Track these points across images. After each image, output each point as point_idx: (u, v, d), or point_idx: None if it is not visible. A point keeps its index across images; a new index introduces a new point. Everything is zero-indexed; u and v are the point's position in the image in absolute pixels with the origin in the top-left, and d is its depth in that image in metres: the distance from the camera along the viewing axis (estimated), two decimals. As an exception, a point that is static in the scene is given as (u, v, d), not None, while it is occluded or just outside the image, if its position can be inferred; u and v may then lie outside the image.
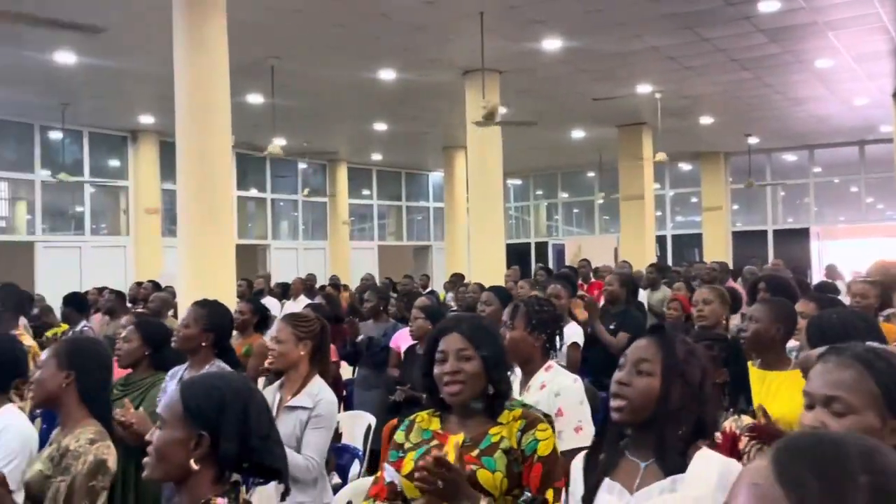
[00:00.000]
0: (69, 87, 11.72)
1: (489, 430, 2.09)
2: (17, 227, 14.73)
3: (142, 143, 15.31)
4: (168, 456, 1.65)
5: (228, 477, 1.68)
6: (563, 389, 2.91)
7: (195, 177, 7.34)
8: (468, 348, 2.12)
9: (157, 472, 1.67)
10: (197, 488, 1.65)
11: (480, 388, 2.12)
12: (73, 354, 2.55)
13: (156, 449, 1.67)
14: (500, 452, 2.04)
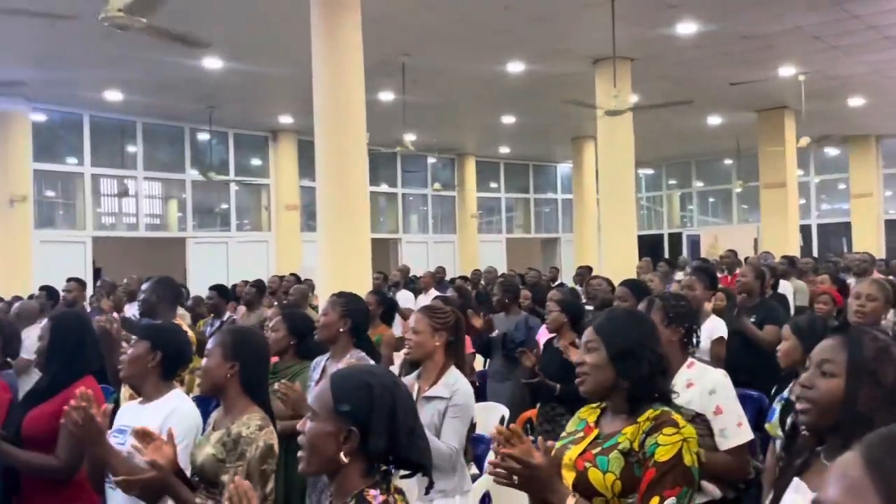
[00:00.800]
0: (216, 92, 12.43)
1: (623, 429, 2.04)
2: (170, 223, 15.79)
3: (282, 143, 16.04)
4: (319, 449, 1.70)
5: (378, 469, 1.72)
6: (718, 386, 2.81)
7: (333, 174, 7.62)
8: (594, 340, 2.10)
9: (311, 465, 1.73)
10: (348, 481, 1.70)
11: (607, 381, 2.07)
12: (238, 345, 2.66)
13: (308, 442, 1.72)
14: (617, 453, 1.98)
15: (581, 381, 2.11)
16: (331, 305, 3.71)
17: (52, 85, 11.75)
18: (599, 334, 2.10)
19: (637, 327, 2.15)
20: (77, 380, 3.18)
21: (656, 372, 2.08)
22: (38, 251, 12.72)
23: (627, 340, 2.08)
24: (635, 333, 2.12)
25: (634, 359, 2.06)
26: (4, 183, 12.28)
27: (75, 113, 13.58)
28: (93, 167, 14.02)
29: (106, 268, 13.84)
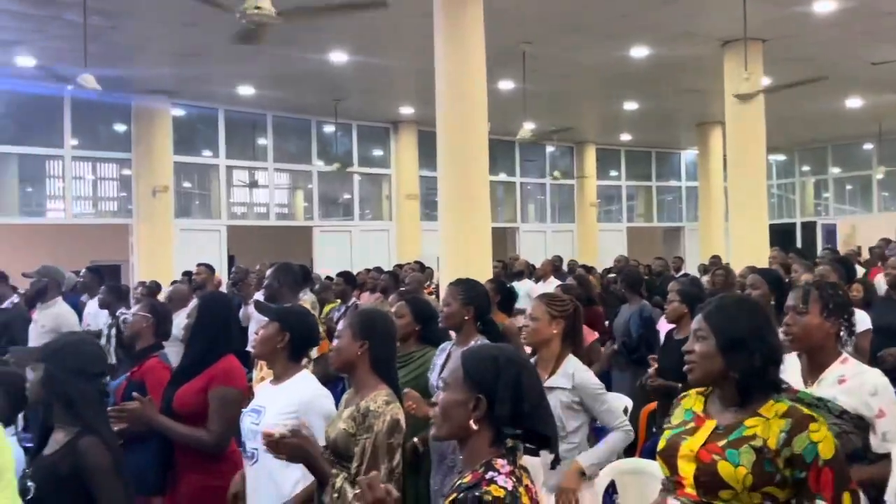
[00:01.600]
0: (341, 85, 12.81)
1: (745, 421, 1.99)
2: (297, 213, 16.42)
3: (402, 134, 16.34)
4: (450, 415, 1.83)
5: (505, 441, 1.82)
6: (881, 388, 2.63)
7: (454, 163, 7.71)
8: (703, 328, 2.06)
9: (443, 430, 1.86)
10: (477, 448, 1.81)
11: (716, 371, 2.03)
12: (367, 326, 2.78)
13: (440, 409, 1.86)
14: (749, 448, 1.93)
15: (689, 370, 2.09)
16: (452, 294, 3.76)
17: (191, 82, 12.44)
18: (709, 323, 2.06)
19: (749, 316, 2.07)
20: (220, 358, 3.40)
21: (769, 363, 2.01)
22: (178, 239, 13.55)
23: (738, 330, 2.02)
24: (746, 322, 2.05)
25: (745, 349, 2.00)
26: (148, 174, 13.14)
27: (211, 108, 14.33)
28: (227, 159, 14.75)
29: (238, 255, 14.57)
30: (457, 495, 1.73)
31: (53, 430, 2.54)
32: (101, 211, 14.07)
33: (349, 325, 2.81)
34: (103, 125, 13.69)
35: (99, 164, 13.72)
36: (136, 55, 10.70)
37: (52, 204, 13.52)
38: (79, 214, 13.41)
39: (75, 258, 11.76)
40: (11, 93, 12.10)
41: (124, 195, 13.86)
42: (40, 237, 13.20)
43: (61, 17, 8.94)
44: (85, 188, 13.71)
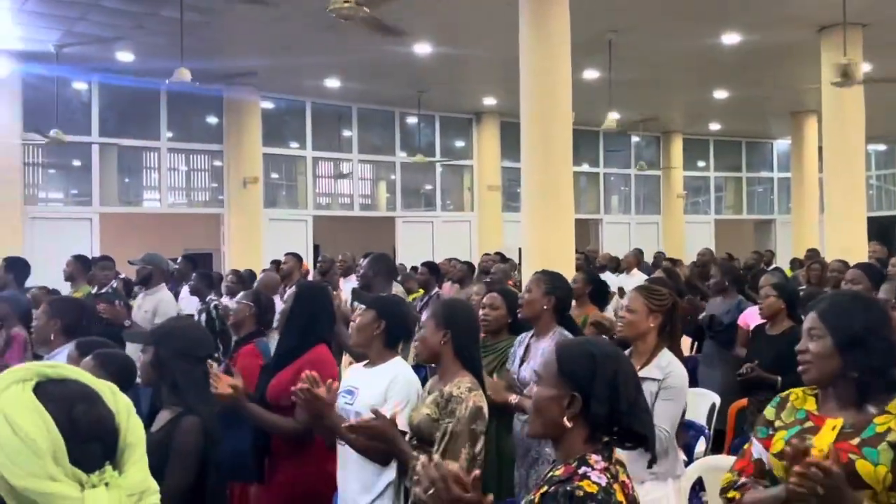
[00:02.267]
0: (425, 76, 12.89)
1: (873, 419, 1.93)
2: (380, 203, 16.64)
3: (485, 124, 16.33)
4: (544, 411, 1.79)
5: (600, 438, 1.78)
6: None
7: (538, 154, 7.68)
8: (818, 327, 1.99)
9: (536, 426, 1.82)
10: (571, 445, 1.76)
11: (832, 371, 1.97)
12: (449, 316, 2.84)
13: (533, 404, 1.82)
14: (887, 445, 1.88)
15: (804, 371, 2.02)
16: (534, 283, 3.74)
17: (280, 75, 12.74)
18: (824, 321, 1.99)
19: (866, 312, 2.00)
20: (312, 347, 3.48)
21: (890, 362, 1.94)
22: (266, 228, 13.94)
23: (856, 328, 1.96)
24: (864, 320, 1.97)
25: (864, 348, 1.93)
26: (239, 165, 13.55)
27: (299, 100, 14.65)
28: (313, 151, 15.07)
29: (323, 245, 14.89)
30: (547, 488, 1.70)
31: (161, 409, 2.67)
32: (194, 201, 14.59)
33: (432, 316, 2.86)
34: (196, 117, 14.19)
35: (192, 156, 14.22)
36: (227, 49, 11.04)
37: (148, 194, 14.11)
38: (173, 204, 13.95)
39: (169, 247, 12.25)
40: (112, 87, 12.67)
41: (216, 186, 14.33)
42: (137, 226, 13.80)
43: (158, 14, 9.30)
44: (179, 179, 14.24)
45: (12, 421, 1.04)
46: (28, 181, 12.21)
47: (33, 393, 1.09)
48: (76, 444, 1.06)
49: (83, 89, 12.68)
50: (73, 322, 3.86)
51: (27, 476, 1.02)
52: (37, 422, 1.05)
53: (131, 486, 1.10)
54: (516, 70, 7.94)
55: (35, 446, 1.03)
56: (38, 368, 1.13)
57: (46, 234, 11.74)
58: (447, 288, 8.77)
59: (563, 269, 4.56)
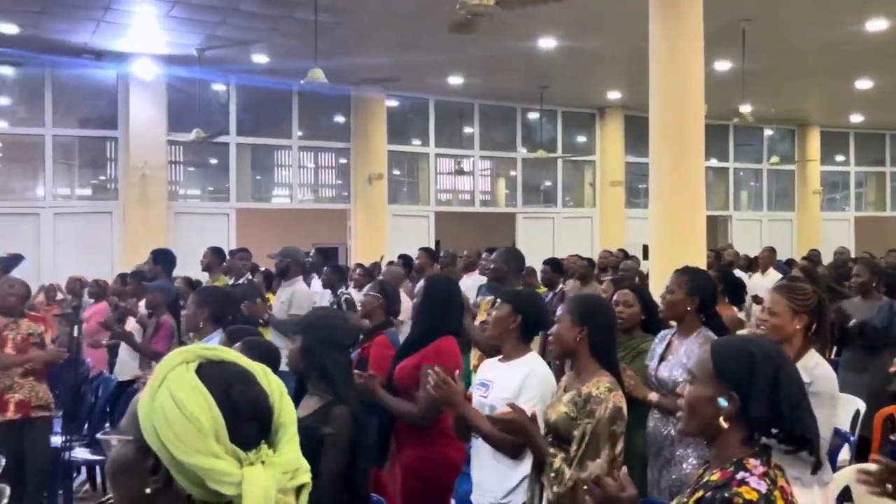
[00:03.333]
0: (548, 71, 12.80)
1: None
2: (499, 199, 16.66)
3: (608, 119, 16.06)
4: (697, 411, 1.74)
5: (758, 440, 1.71)
6: None
7: (667, 148, 7.47)
8: None
9: (690, 426, 1.77)
10: (726, 447, 1.71)
11: None
12: (586, 312, 2.80)
13: (687, 403, 1.77)
14: None
15: None
16: (676, 283, 3.61)
17: (406, 73, 12.97)
18: None
19: None
20: (440, 338, 3.55)
21: None
22: (390, 223, 14.24)
23: None
24: None
25: None
26: (365, 163, 13.92)
27: (423, 98, 14.87)
28: (436, 147, 15.26)
29: (444, 240, 15.07)
30: (703, 493, 1.66)
31: (305, 395, 2.78)
32: (321, 197, 15.08)
33: (568, 312, 2.82)
34: (325, 116, 14.66)
35: (320, 154, 14.70)
36: (356, 49, 11.34)
37: (279, 190, 14.69)
38: (302, 200, 14.48)
39: (299, 241, 12.70)
40: (248, 88, 13.29)
41: (341, 182, 14.77)
42: (267, 220, 14.42)
43: (292, 16, 9.67)
44: (308, 176, 14.76)
45: (178, 400, 1.10)
46: (171, 178, 12.97)
47: (196, 373, 1.14)
48: (235, 422, 1.11)
49: (221, 90, 13.36)
50: (219, 310, 4.08)
51: (193, 452, 1.08)
52: (200, 401, 1.10)
53: (285, 463, 1.14)
54: (644, 62, 7.75)
55: (199, 424, 1.08)
56: (199, 350, 1.19)
57: (188, 228, 12.45)
58: (570, 285, 8.68)
59: (695, 267, 4.40)
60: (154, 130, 12.12)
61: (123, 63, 11.78)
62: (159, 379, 1.14)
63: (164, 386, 1.12)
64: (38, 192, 12.39)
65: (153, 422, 1.10)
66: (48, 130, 12.12)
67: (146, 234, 11.44)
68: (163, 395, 1.12)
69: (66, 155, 12.65)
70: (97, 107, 12.74)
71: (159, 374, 1.14)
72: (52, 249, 11.75)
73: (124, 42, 11.05)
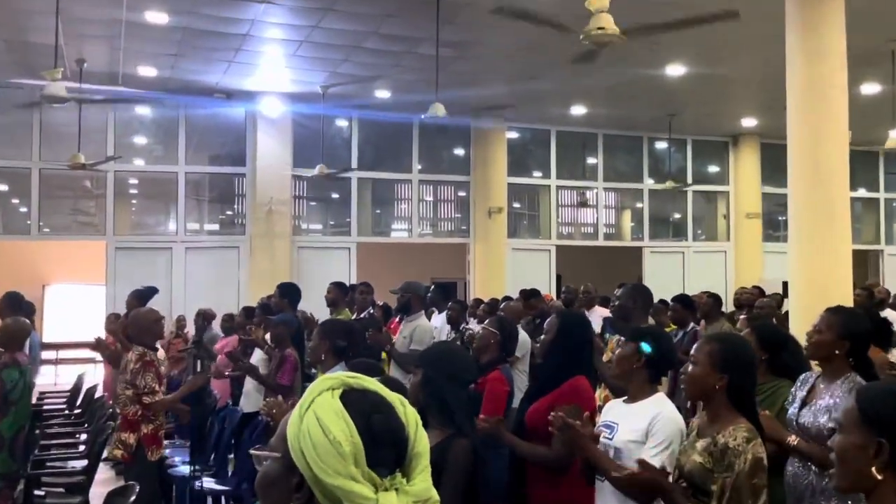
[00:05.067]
0: (676, 98, 12.62)
1: None
2: (624, 233, 16.42)
3: (743, 147, 15.62)
4: (848, 462, 1.67)
5: None
6: None
7: (808, 177, 7.20)
8: None
9: (842, 480, 1.71)
10: (882, 498, 1.63)
11: None
12: (729, 356, 2.72)
13: (836, 454, 1.71)
14: None
15: None
16: (826, 323, 3.45)
17: (526, 104, 13.12)
18: None
19: None
20: (571, 377, 3.55)
21: None
22: (510, 258, 14.31)
23: None
24: None
25: None
26: (484, 195, 14.08)
27: (544, 129, 14.96)
28: (557, 179, 15.26)
29: (565, 275, 14.99)
30: None
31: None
32: (440, 231, 15.35)
33: (708, 354, 2.75)
34: (445, 150, 14.99)
35: (440, 187, 15.00)
36: (477, 81, 11.56)
37: (398, 224, 15.07)
38: (421, 234, 14.79)
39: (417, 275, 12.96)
40: (370, 122, 13.78)
41: (460, 216, 14.99)
42: (387, 254, 14.81)
43: (414, 52, 10.01)
44: (427, 210, 15.07)
45: (323, 424, 1.19)
46: (295, 213, 13.57)
47: (340, 400, 1.23)
48: (373, 449, 1.19)
49: (344, 126, 13.93)
50: (342, 343, 4.24)
51: (334, 474, 1.17)
52: (342, 427, 1.19)
53: (418, 493, 1.21)
54: (781, 87, 7.52)
55: (341, 448, 1.17)
56: (345, 378, 1.28)
57: (310, 262, 12.97)
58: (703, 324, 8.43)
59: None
60: (280, 166, 12.76)
61: (252, 101, 12.51)
62: (307, 402, 1.24)
63: (311, 409, 1.22)
64: (170, 226, 13.26)
65: (300, 442, 1.20)
66: (181, 168, 12.98)
67: (271, 268, 12.03)
68: (309, 418, 1.21)
69: (198, 191, 13.50)
70: (226, 144, 13.57)
71: (308, 397, 1.25)
72: (182, 282, 12.52)
73: (253, 81, 11.74)
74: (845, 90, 7.23)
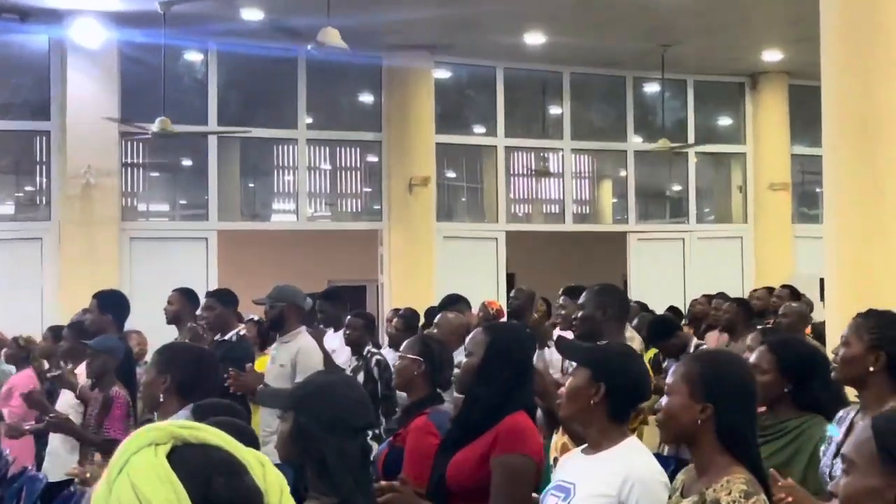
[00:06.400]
0: (673, 24, 12.75)
1: None
2: (603, 213, 16.69)
3: (765, 91, 15.93)
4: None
5: None
6: None
7: (849, 134, 7.37)
8: None
9: None
10: None
11: None
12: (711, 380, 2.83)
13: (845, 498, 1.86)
14: None
15: None
16: (854, 332, 3.64)
17: (461, 30, 13.04)
18: None
19: None
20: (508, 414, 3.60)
21: None
22: (441, 250, 14.26)
23: None
24: None
25: None
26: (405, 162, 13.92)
27: (486, 67, 14.78)
28: (507, 138, 15.24)
29: (520, 273, 15.10)
30: None
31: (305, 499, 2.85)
32: (341, 212, 15.24)
33: (684, 379, 2.86)
34: (345, 97, 15.01)
35: (339, 149, 14.79)
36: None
37: (280, 203, 14.97)
38: (313, 217, 14.69)
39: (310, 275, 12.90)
40: (234, 57, 13.54)
41: (370, 190, 14.95)
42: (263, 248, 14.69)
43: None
44: (321, 182, 14.93)
45: (140, 492, 1.19)
46: (125, 189, 13.31)
47: (168, 459, 1.23)
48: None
49: (196, 62, 13.72)
50: (189, 378, 4.19)
51: None
52: (168, 495, 1.19)
53: None
54: (815, 7, 7.73)
55: None
56: (175, 430, 1.29)
57: (149, 259, 12.74)
58: (712, 339, 8.61)
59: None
60: (101, 121, 12.46)
61: (58, 24, 12.19)
62: (119, 464, 1.23)
63: (124, 473, 1.22)
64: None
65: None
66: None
67: (90, 270, 11.76)
68: (121, 486, 1.21)
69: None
70: (21, 88, 13.20)
71: (120, 457, 1.24)
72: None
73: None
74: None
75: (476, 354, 3.73)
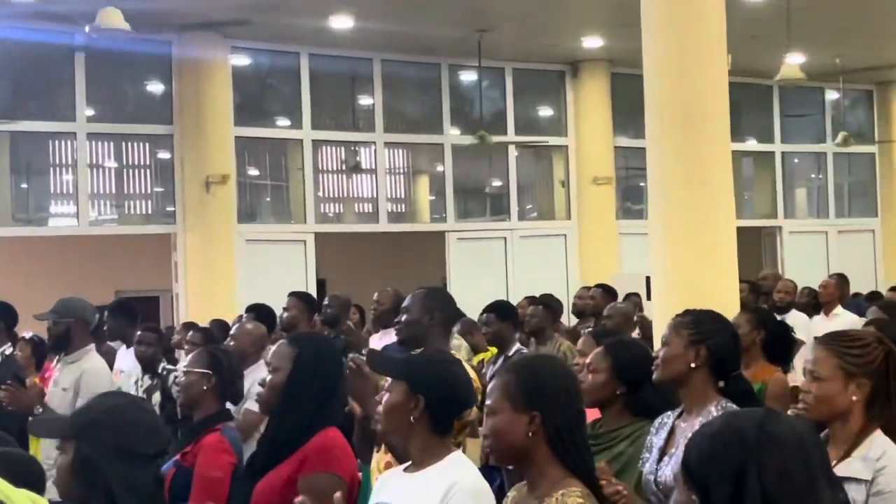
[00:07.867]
0: (489, 8, 13.01)
1: None
2: (419, 211, 16.80)
3: (586, 80, 16.28)
4: None
5: None
6: None
7: (671, 123, 7.62)
8: None
9: None
10: None
11: None
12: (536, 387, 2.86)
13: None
14: None
15: None
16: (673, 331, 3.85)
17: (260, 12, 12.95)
18: None
19: None
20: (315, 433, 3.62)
21: None
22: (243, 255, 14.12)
23: None
24: None
25: None
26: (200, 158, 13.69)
27: (290, 53, 14.72)
28: (313, 130, 15.16)
29: (331, 279, 15.08)
30: None
31: None
32: (129, 214, 14.91)
33: (503, 389, 2.88)
34: (131, 85, 14.67)
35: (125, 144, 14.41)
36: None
37: (59, 206, 14.52)
38: (97, 221, 14.26)
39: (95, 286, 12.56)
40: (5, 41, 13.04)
41: (162, 190, 14.63)
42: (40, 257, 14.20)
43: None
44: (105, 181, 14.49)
45: None
46: None
47: None
48: None
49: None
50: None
51: None
52: None
53: None
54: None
55: None
56: None
57: None
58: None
59: (722, 308, 4.57)
60: None
61: None
62: None
63: None
64: None
65: None
66: None
67: None
68: None
69: None
70: None
71: None
72: None
73: None
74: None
75: (282, 369, 3.71)
